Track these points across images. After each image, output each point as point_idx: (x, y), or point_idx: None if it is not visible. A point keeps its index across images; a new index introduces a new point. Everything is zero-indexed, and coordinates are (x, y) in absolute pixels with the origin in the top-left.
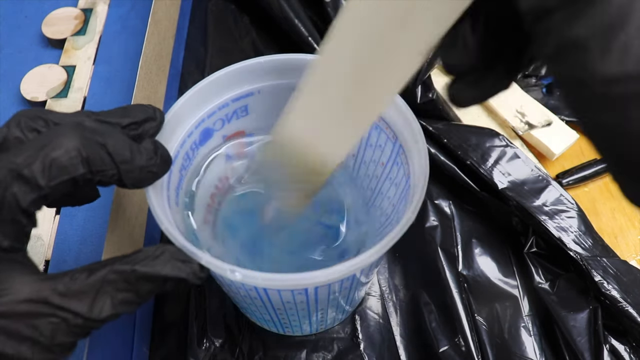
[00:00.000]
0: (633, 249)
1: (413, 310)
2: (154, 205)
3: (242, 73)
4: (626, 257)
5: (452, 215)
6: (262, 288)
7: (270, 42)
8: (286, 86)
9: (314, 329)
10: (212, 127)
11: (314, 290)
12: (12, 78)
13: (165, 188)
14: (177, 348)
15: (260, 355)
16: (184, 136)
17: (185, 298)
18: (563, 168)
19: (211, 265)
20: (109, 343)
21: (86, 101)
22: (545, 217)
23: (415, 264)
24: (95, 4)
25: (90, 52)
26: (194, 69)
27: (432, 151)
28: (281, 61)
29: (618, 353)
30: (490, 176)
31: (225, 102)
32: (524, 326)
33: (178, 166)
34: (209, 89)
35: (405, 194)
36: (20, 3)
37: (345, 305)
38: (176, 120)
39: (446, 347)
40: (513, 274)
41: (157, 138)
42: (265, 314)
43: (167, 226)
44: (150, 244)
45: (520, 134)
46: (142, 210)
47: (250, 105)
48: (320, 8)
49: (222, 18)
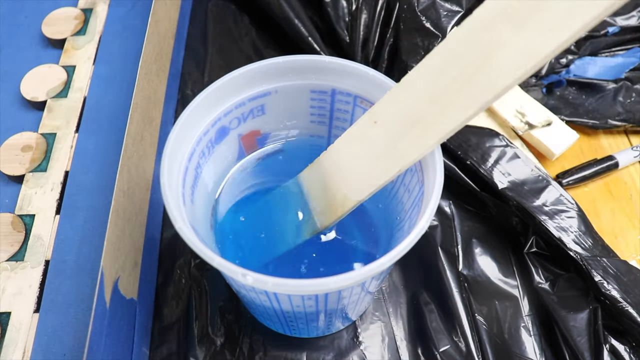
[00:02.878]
0: (633, 249)
1: (413, 310)
2: (170, 204)
3: (260, 72)
4: (626, 257)
5: (452, 215)
6: (272, 292)
7: (270, 42)
8: (303, 87)
9: (321, 332)
10: (228, 126)
11: (324, 296)
12: (12, 78)
13: (181, 186)
14: (177, 348)
15: (261, 355)
16: (200, 134)
17: (185, 298)
18: (563, 168)
19: (223, 268)
20: (108, 343)
21: (86, 101)
22: (545, 217)
23: (415, 263)
24: (95, 4)
25: (90, 52)
26: (194, 69)
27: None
28: (299, 62)
29: (618, 353)
30: (490, 176)
31: (242, 101)
32: (524, 326)
33: (194, 164)
34: (226, 88)
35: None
36: (20, 3)
37: (353, 312)
38: (193, 118)
39: (446, 346)
40: (513, 274)
41: (174, 137)
42: (274, 316)
43: (180, 225)
44: (151, 244)
45: (520, 134)
46: (142, 210)
47: (267, 104)
48: (320, 8)
49: (222, 18)
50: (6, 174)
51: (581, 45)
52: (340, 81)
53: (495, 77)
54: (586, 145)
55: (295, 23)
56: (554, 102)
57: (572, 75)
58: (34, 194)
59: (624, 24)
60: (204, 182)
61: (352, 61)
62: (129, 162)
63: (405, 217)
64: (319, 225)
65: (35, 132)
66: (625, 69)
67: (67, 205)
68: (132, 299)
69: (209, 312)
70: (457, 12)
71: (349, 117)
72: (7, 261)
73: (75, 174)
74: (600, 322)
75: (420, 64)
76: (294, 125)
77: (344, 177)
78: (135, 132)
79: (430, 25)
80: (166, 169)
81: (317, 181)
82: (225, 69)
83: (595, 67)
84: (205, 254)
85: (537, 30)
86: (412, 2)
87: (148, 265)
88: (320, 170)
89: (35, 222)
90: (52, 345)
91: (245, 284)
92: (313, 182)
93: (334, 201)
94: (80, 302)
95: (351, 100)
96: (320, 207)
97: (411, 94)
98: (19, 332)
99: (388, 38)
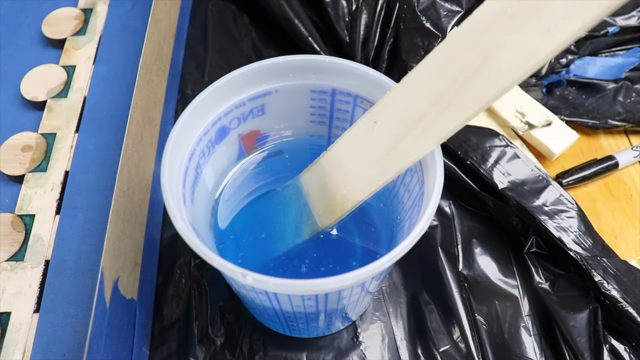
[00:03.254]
0: (633, 249)
1: (413, 310)
2: (170, 204)
3: (260, 72)
4: (626, 257)
5: (452, 215)
6: (273, 292)
7: (270, 42)
8: (303, 87)
9: (321, 332)
10: (228, 126)
11: (324, 296)
12: (12, 78)
13: (181, 186)
14: (177, 348)
15: (261, 355)
16: (200, 134)
17: (185, 298)
18: (563, 168)
19: (223, 268)
20: (108, 343)
21: (86, 101)
22: (545, 217)
23: (415, 263)
24: (95, 4)
25: (90, 52)
26: (194, 69)
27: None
28: (299, 62)
29: (618, 353)
30: (490, 176)
31: (242, 101)
32: (524, 326)
33: (194, 164)
34: (226, 88)
35: (419, 200)
36: (20, 3)
37: (353, 312)
38: (193, 118)
39: (446, 346)
40: (513, 274)
41: (174, 137)
42: (274, 316)
43: (181, 226)
44: (151, 244)
45: (520, 134)
46: (142, 210)
47: (267, 104)
48: (320, 8)
49: (222, 18)
50: (6, 174)
51: (581, 45)
52: (341, 81)
53: (495, 78)
54: (586, 145)
55: (295, 23)
56: (554, 102)
57: (572, 75)
58: (34, 194)
59: (624, 24)
60: (204, 182)
61: (352, 61)
62: (129, 162)
63: (406, 217)
64: (320, 225)
65: (35, 132)
66: (625, 69)
67: (67, 205)
68: (132, 299)
69: (209, 312)
70: (457, 12)
71: (349, 117)
72: (7, 261)
73: (75, 174)
74: (600, 322)
75: (420, 64)
76: (294, 125)
77: (344, 178)
78: (135, 132)
79: (430, 25)
80: (167, 169)
81: (317, 181)
82: (225, 69)
83: (595, 67)
84: (205, 254)
85: (536, 31)
86: (412, 2)
87: (148, 265)
88: (320, 170)
89: (35, 222)
90: (52, 345)
91: (245, 284)
92: (313, 182)
93: (334, 201)
94: (80, 302)
95: (351, 100)
96: (320, 208)
97: (411, 94)
98: (19, 332)
99: (388, 38)
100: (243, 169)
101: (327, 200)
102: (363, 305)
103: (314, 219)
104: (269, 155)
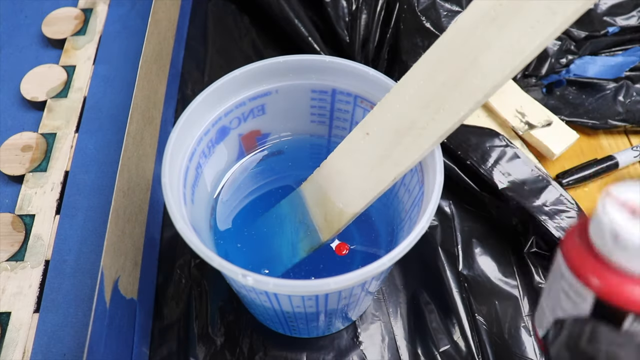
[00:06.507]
0: None
1: (413, 310)
2: (171, 204)
3: (260, 72)
4: None
5: (452, 215)
6: (273, 293)
7: (270, 42)
8: (303, 86)
9: (321, 332)
10: (229, 126)
11: (324, 296)
12: (12, 78)
13: (182, 186)
14: (177, 348)
15: (261, 355)
16: (200, 134)
17: (185, 298)
18: (563, 168)
19: (223, 269)
20: (108, 343)
21: (86, 101)
22: (545, 217)
23: (415, 263)
24: (95, 4)
25: (90, 52)
26: (194, 69)
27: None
28: (299, 61)
29: None
30: (490, 176)
31: (242, 100)
32: (524, 326)
33: (195, 164)
34: (226, 88)
35: (419, 200)
36: (20, 3)
37: (353, 312)
38: (193, 118)
39: (446, 346)
40: (513, 274)
41: (175, 137)
42: (274, 316)
43: (182, 226)
44: (151, 244)
45: (520, 134)
46: (142, 210)
47: (267, 104)
48: (320, 8)
49: (222, 18)
50: (6, 174)
51: (581, 45)
52: (341, 81)
53: (483, 77)
54: (586, 145)
55: (295, 23)
56: (554, 102)
57: (572, 75)
58: (34, 194)
59: (624, 24)
60: (204, 182)
61: (353, 61)
62: (129, 162)
63: (406, 217)
64: (321, 239)
65: (35, 132)
66: (626, 68)
67: (67, 205)
68: (132, 299)
69: (209, 312)
70: (457, 12)
71: (349, 117)
72: (7, 261)
73: (75, 174)
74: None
75: (409, 71)
76: (295, 125)
77: (338, 192)
78: (135, 132)
79: (430, 26)
80: (167, 169)
81: (314, 197)
82: (225, 69)
83: (596, 66)
84: (205, 254)
85: (520, 29)
86: (412, 2)
87: (148, 265)
88: (315, 186)
89: (35, 222)
90: (52, 345)
91: (245, 285)
92: (311, 197)
93: (331, 216)
94: (80, 302)
95: (351, 100)
96: (319, 222)
97: (402, 101)
98: (19, 332)
99: (388, 38)
100: (243, 169)
101: (324, 214)
102: (363, 305)
103: (315, 233)
104: (269, 155)
